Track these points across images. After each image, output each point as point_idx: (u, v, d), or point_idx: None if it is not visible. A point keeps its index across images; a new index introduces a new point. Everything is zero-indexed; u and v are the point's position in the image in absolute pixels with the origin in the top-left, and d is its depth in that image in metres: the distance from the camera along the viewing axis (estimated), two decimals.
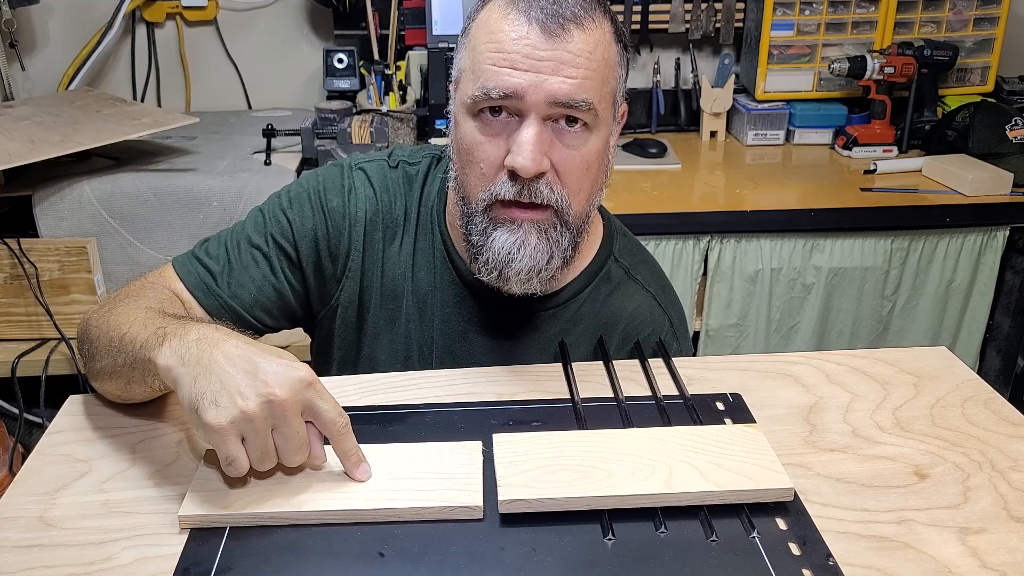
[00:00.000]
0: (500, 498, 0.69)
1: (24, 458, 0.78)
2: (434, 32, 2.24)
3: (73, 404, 0.88)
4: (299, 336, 1.14)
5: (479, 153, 0.88)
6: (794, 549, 0.67)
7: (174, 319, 0.79)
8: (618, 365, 0.92)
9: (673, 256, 1.94)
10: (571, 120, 0.87)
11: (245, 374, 0.68)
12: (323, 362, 1.08)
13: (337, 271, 1.02)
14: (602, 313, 1.03)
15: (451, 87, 0.94)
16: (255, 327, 1.01)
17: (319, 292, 1.03)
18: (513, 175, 0.86)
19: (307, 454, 0.72)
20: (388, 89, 2.15)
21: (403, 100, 2.17)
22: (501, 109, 0.87)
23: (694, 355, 1.06)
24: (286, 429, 0.69)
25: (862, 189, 2.04)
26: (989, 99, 2.30)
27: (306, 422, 0.72)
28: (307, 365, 0.71)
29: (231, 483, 0.72)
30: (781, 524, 0.70)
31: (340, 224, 1.01)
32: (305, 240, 1.00)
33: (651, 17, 2.33)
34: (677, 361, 0.92)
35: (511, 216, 0.89)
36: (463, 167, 0.91)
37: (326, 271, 1.02)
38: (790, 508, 0.71)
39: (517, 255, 0.89)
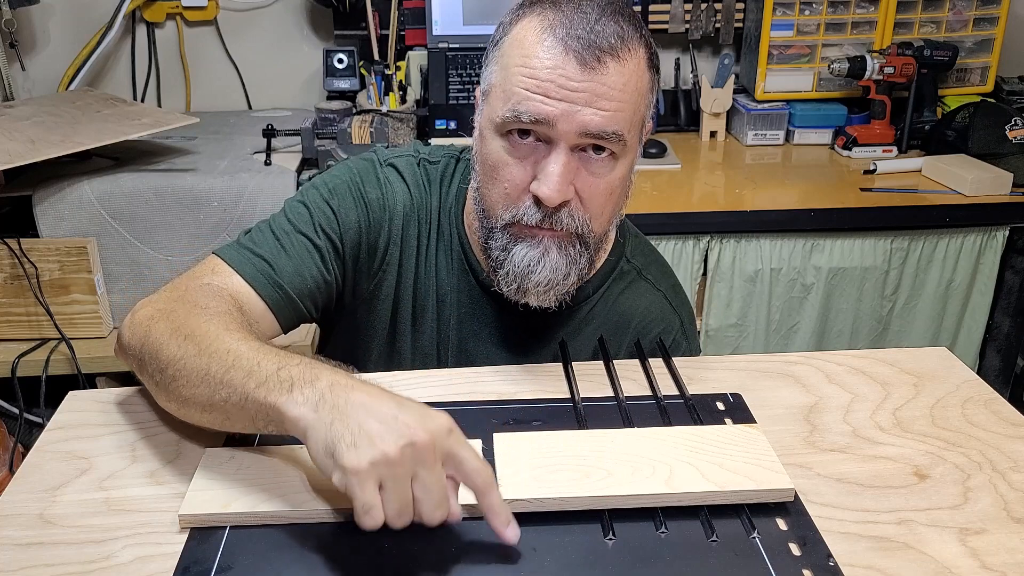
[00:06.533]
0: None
1: (24, 458, 0.78)
2: (434, 32, 2.24)
3: (73, 401, 0.87)
4: (299, 336, 1.12)
5: (504, 173, 0.88)
6: (794, 549, 0.67)
7: (292, 357, 0.73)
8: (618, 365, 0.92)
9: (673, 256, 1.94)
10: (598, 148, 0.87)
11: (384, 417, 0.64)
12: (350, 359, 1.05)
13: (374, 265, 1.01)
14: (614, 312, 1.04)
15: (478, 95, 0.94)
16: (304, 319, 0.97)
17: (353, 285, 1.02)
18: (538, 200, 0.87)
19: (448, 510, 0.65)
20: (388, 89, 2.15)
21: (403, 100, 2.17)
22: (530, 132, 0.86)
23: None
24: (428, 477, 0.63)
25: (862, 189, 2.04)
26: (989, 99, 2.30)
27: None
28: (447, 414, 0.66)
29: (233, 482, 0.72)
30: (781, 524, 0.70)
31: (380, 217, 1.00)
32: (350, 232, 0.98)
33: (651, 17, 2.33)
34: (677, 361, 0.92)
35: (532, 233, 0.89)
36: (486, 182, 0.91)
37: (363, 264, 1.01)
38: (790, 508, 0.71)
39: (537, 267, 0.89)
